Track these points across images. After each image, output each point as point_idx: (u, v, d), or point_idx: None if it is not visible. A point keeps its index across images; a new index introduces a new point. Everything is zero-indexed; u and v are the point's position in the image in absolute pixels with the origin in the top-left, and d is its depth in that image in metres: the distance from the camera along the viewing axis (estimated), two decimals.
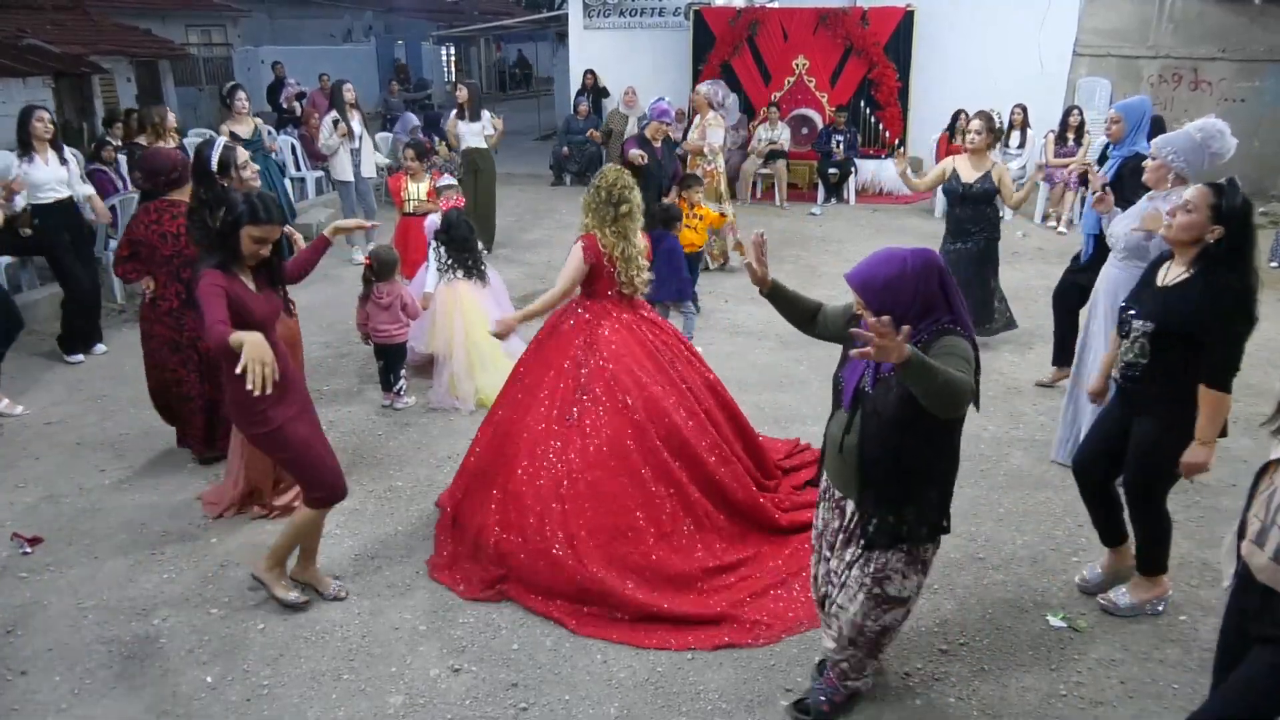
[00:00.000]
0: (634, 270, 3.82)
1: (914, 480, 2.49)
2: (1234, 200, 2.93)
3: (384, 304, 5.11)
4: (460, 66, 26.60)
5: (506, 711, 2.93)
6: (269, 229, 3.10)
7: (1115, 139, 4.85)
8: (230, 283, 3.06)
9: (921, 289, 2.37)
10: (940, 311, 2.40)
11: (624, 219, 3.76)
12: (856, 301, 2.49)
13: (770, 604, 3.41)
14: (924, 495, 2.50)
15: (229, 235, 3.08)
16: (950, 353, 2.30)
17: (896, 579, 2.57)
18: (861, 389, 2.49)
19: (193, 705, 2.95)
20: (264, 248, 3.13)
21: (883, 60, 11.14)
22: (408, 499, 4.27)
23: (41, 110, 5.73)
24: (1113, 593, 3.43)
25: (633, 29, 12.84)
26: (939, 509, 2.55)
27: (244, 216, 3.05)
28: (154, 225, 4.26)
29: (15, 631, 3.31)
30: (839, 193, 11.04)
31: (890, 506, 2.50)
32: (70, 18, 15.43)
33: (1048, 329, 5.69)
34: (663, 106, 7.12)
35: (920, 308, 2.37)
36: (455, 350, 5.30)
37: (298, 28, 23.41)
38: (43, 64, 12.82)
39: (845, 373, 2.58)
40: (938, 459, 2.51)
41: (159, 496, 4.27)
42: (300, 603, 3.41)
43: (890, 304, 2.30)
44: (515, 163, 13.99)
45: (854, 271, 2.42)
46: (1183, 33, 11.13)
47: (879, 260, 2.41)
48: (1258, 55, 10.89)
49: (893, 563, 2.55)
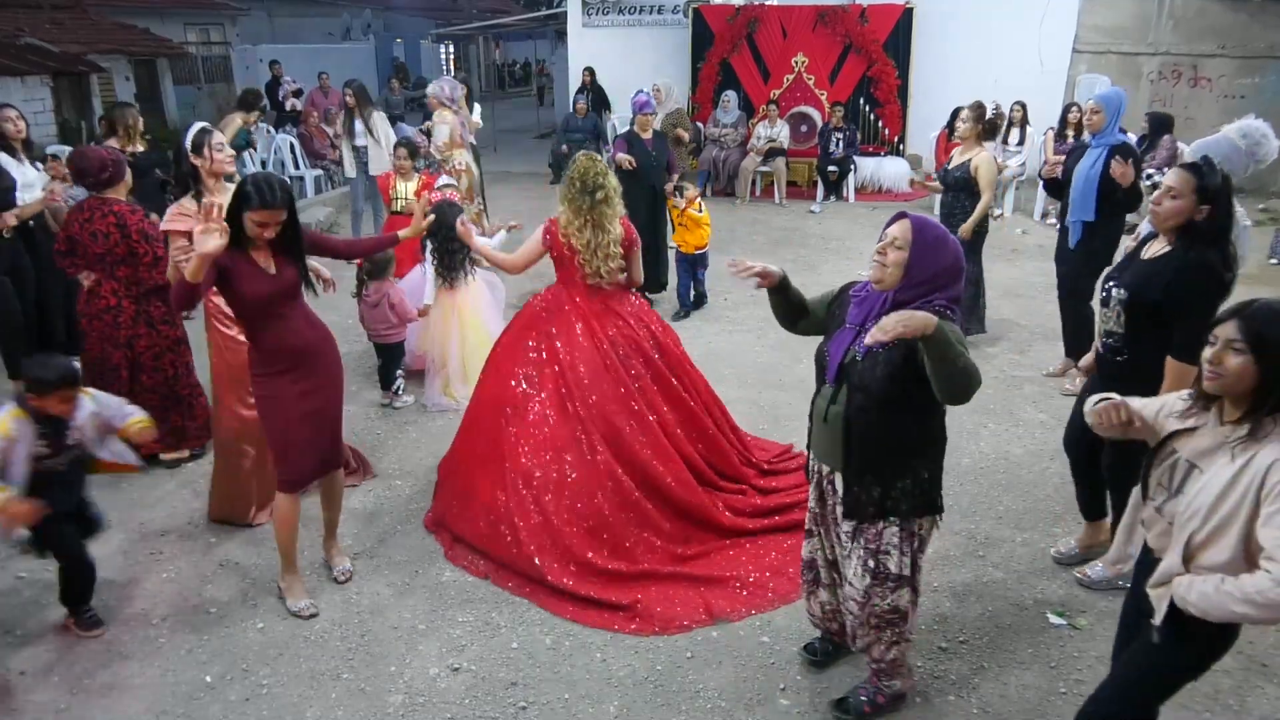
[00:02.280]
0: (600, 261, 3.75)
1: (901, 455, 2.51)
2: (1215, 179, 3.07)
3: (371, 303, 5.10)
4: (459, 65, 26.58)
5: (506, 710, 2.93)
6: (268, 214, 3.04)
7: (1095, 130, 4.90)
8: (232, 258, 3.03)
9: (953, 264, 2.44)
10: (944, 294, 2.43)
11: (600, 205, 3.74)
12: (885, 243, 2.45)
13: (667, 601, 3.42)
14: (912, 470, 2.52)
15: (233, 218, 3.05)
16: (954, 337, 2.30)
17: (894, 554, 2.57)
18: (847, 362, 2.51)
19: (192, 705, 2.95)
20: (266, 231, 3.08)
21: (882, 58, 11.13)
22: (407, 498, 4.26)
23: (8, 109, 5.55)
24: (1087, 567, 3.55)
25: (632, 26, 12.83)
26: (930, 485, 2.56)
27: (247, 200, 3.02)
28: (85, 223, 4.24)
29: (15, 630, 3.32)
30: (838, 190, 11.03)
31: (876, 479, 2.51)
32: (69, 16, 15.43)
33: (1048, 326, 5.71)
34: (642, 99, 7.11)
35: (940, 280, 2.42)
36: (449, 357, 5.28)
37: (296, 26, 23.40)
38: (41, 63, 12.81)
39: (830, 346, 2.60)
40: (924, 436, 2.54)
41: (159, 496, 4.26)
42: (310, 613, 3.39)
43: (927, 260, 2.39)
44: (514, 160, 13.99)
45: (912, 216, 2.46)
46: (1182, 29, 11.12)
47: (932, 221, 2.49)
48: (1258, 52, 10.88)
49: (887, 537, 2.56)
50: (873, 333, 2.27)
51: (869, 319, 2.47)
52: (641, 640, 3.26)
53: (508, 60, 32.24)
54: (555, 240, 3.80)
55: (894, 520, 2.54)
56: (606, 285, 3.85)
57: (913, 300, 2.39)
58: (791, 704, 2.96)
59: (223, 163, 3.88)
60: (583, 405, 3.70)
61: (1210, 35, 11.01)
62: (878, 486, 2.51)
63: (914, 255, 2.40)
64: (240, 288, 3.07)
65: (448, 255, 5.26)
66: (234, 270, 3.05)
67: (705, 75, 11.70)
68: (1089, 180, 4.87)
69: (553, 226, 3.81)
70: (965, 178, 5.70)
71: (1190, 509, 2.02)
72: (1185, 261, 3.06)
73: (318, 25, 24.52)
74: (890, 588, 2.61)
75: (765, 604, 3.42)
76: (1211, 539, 1.99)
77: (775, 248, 8.80)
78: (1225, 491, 1.96)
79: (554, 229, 3.80)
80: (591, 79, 12.50)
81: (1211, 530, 1.98)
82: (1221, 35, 10.96)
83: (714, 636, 3.28)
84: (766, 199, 11.15)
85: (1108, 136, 4.87)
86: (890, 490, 2.51)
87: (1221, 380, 2.00)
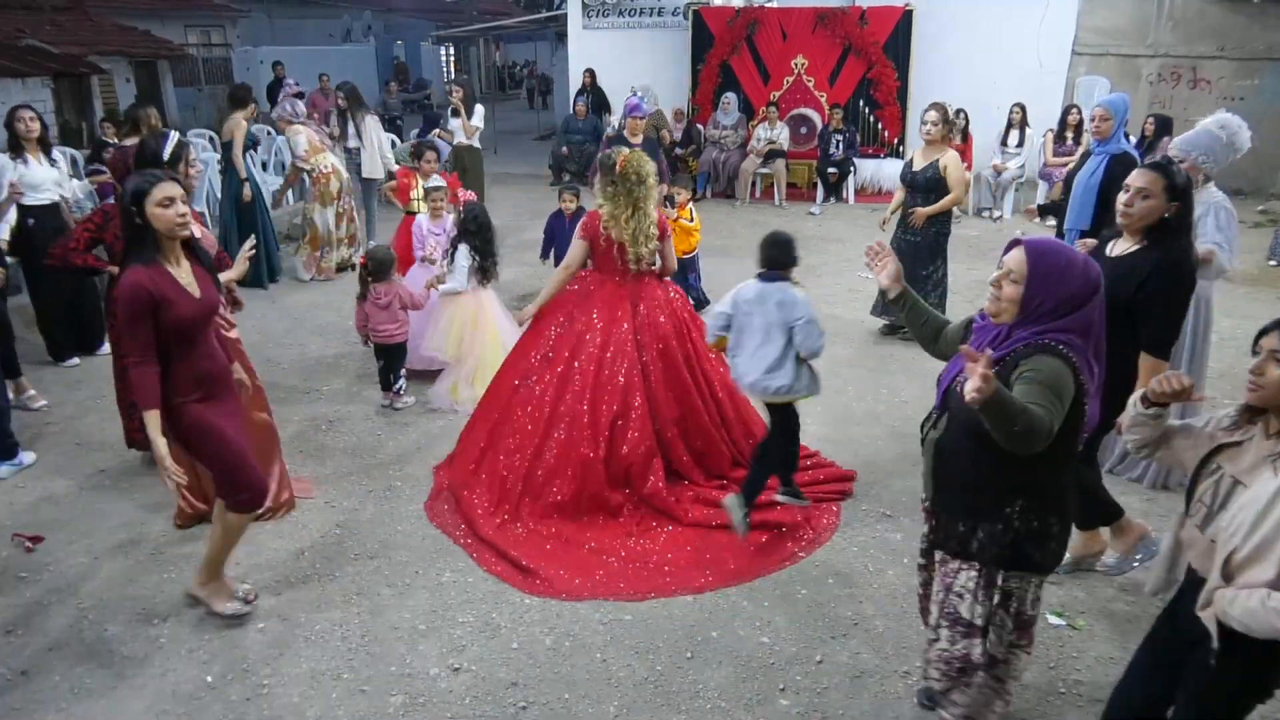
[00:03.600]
0: (641, 244, 4.01)
1: (990, 495, 2.30)
2: (1181, 176, 3.12)
3: (382, 304, 5.10)
4: (460, 66, 26.60)
5: (506, 710, 2.94)
6: (168, 186, 2.89)
7: (1103, 136, 4.88)
8: (156, 282, 2.88)
9: (1080, 291, 2.18)
10: (1066, 324, 2.18)
11: (647, 192, 4.01)
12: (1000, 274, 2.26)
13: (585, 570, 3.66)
14: (1002, 515, 2.29)
15: (139, 219, 2.89)
16: (1036, 379, 2.10)
17: (967, 599, 2.37)
18: (953, 388, 2.35)
19: (192, 705, 2.95)
20: (178, 211, 2.90)
21: (881, 59, 11.14)
22: (407, 498, 4.27)
23: (23, 110, 5.61)
24: (1106, 557, 3.61)
25: (632, 29, 12.84)
26: (1025, 538, 2.29)
27: (143, 191, 2.86)
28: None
29: (15, 631, 3.32)
30: (838, 192, 11.05)
31: (962, 514, 2.35)
32: (70, 18, 15.46)
33: None
34: (633, 101, 7.13)
35: (1062, 309, 2.18)
36: (468, 358, 5.29)
37: (297, 28, 23.44)
38: (42, 64, 12.84)
39: (944, 371, 2.48)
40: (1023, 481, 2.27)
41: (159, 496, 4.26)
42: (241, 614, 3.35)
43: (1047, 292, 2.17)
44: (514, 162, 14.00)
45: (1028, 243, 2.26)
46: (1182, 31, 11.14)
47: (1053, 246, 2.28)
48: (1257, 53, 10.90)
49: (963, 579, 2.38)
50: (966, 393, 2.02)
51: (984, 349, 2.21)
52: (641, 640, 3.26)
53: (508, 62, 32.26)
54: (595, 232, 4.04)
55: (974, 564, 2.35)
56: (643, 270, 4.09)
57: (1031, 335, 2.19)
58: (791, 704, 2.96)
59: (194, 178, 3.98)
60: (583, 387, 3.98)
61: (1209, 37, 11.03)
62: (962, 523, 2.35)
63: (1030, 289, 2.19)
64: (177, 311, 2.91)
65: (487, 257, 5.30)
66: (162, 295, 2.88)
67: (705, 77, 11.72)
68: (1088, 189, 4.80)
69: (591, 221, 4.05)
70: (934, 179, 5.73)
71: (1232, 525, 1.95)
72: (1160, 258, 3.08)
73: (318, 27, 24.55)
74: (960, 633, 2.41)
75: (664, 589, 3.54)
76: (1254, 557, 1.90)
77: None
78: (1268, 508, 1.88)
79: (592, 223, 4.04)
80: (592, 80, 12.52)
81: (1254, 548, 1.90)
82: (1221, 37, 10.98)
83: (714, 637, 3.28)
84: (766, 200, 11.16)
85: (1112, 144, 4.85)
86: (975, 530, 2.33)
87: (1263, 392, 1.95)
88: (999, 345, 2.24)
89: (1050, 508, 2.31)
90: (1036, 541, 2.31)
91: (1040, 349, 2.15)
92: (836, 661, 3.16)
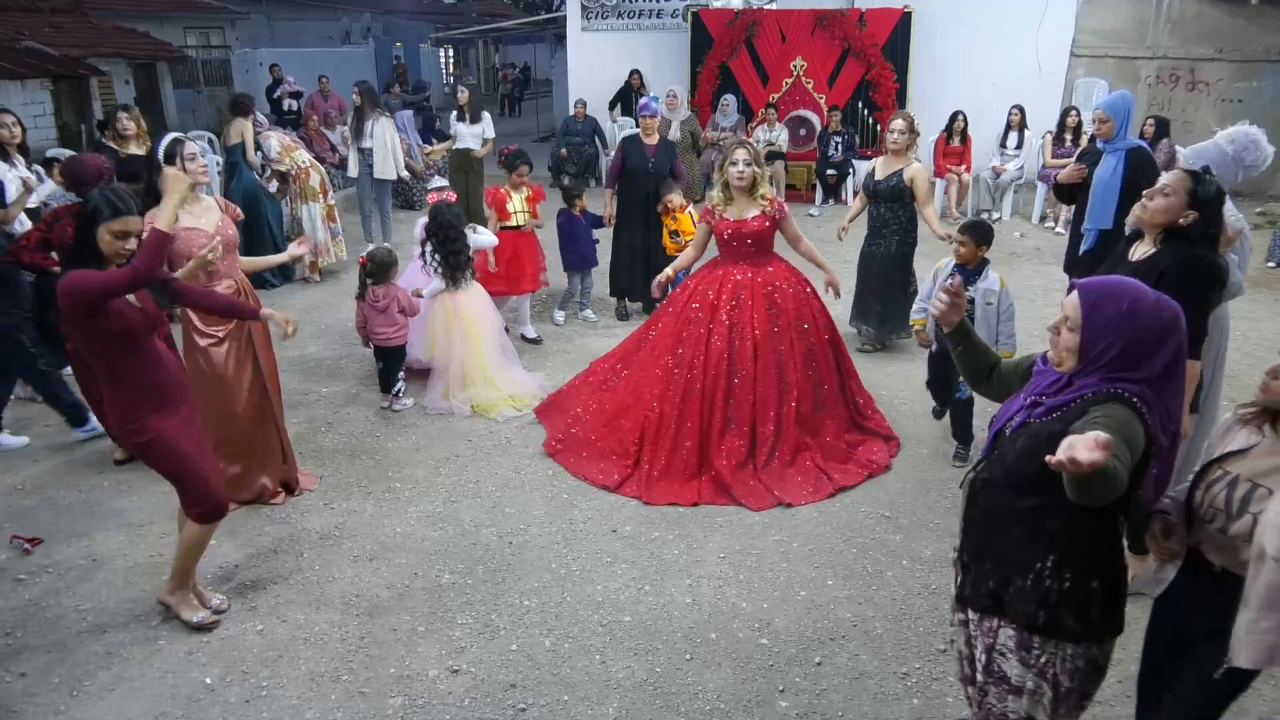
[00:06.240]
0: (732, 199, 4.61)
1: (1025, 548, 2.10)
2: (1209, 189, 3.07)
3: (380, 307, 5.10)
4: (459, 68, 26.61)
5: (505, 712, 2.94)
6: (127, 221, 2.89)
7: (1106, 137, 4.87)
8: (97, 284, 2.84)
9: (1151, 336, 1.95)
10: (1138, 374, 1.96)
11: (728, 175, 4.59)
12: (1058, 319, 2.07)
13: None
14: (1034, 571, 2.09)
15: (88, 236, 2.88)
16: (1109, 425, 1.86)
17: (1012, 659, 2.16)
18: (1002, 432, 2.18)
19: (192, 707, 2.95)
20: (128, 243, 2.91)
21: (880, 61, 11.15)
22: (406, 500, 4.27)
23: (5, 114, 5.53)
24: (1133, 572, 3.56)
25: (631, 31, 12.85)
26: (1061, 602, 2.06)
27: (99, 214, 2.85)
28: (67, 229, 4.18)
29: (15, 633, 3.32)
30: (837, 193, 11.05)
31: (994, 567, 2.17)
32: (69, 20, 15.46)
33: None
34: (643, 101, 7.15)
35: (1129, 356, 1.96)
36: (451, 362, 5.29)
37: (296, 30, 23.45)
38: (41, 66, 12.84)
39: (998, 414, 2.27)
40: (1063, 539, 2.06)
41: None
42: (209, 623, 3.33)
43: (1109, 338, 1.96)
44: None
45: (1082, 287, 2.04)
46: (1180, 33, 11.15)
47: (1119, 288, 2.01)
48: (1255, 55, 10.91)
49: (1003, 638, 2.17)
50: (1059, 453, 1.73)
51: (1043, 394, 2.12)
52: (640, 642, 3.26)
53: (507, 64, 32.26)
54: (709, 215, 4.68)
55: (1011, 623, 2.15)
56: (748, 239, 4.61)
57: (1096, 384, 1.99)
58: (790, 706, 2.96)
59: (195, 174, 3.82)
60: (682, 345, 4.57)
61: (1208, 38, 11.04)
62: (993, 576, 2.16)
63: (1088, 337, 1.98)
64: (111, 321, 2.88)
65: (451, 255, 5.26)
66: (101, 304, 2.85)
67: (704, 79, 11.71)
68: (1109, 187, 4.73)
69: (705, 214, 4.70)
70: (897, 188, 5.70)
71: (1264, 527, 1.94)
72: (1180, 257, 3.06)
73: (317, 29, 24.55)
74: (1005, 691, 2.21)
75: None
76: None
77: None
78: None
79: (707, 214, 4.68)
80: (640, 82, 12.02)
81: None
82: (1219, 39, 10.99)
83: (713, 639, 3.28)
84: None
85: (1121, 142, 4.84)
86: (1007, 585, 2.13)
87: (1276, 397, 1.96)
88: (1060, 392, 2.07)
89: (1091, 569, 2.07)
90: (1072, 606, 2.07)
91: (1111, 398, 1.96)
92: (836, 663, 3.16)
